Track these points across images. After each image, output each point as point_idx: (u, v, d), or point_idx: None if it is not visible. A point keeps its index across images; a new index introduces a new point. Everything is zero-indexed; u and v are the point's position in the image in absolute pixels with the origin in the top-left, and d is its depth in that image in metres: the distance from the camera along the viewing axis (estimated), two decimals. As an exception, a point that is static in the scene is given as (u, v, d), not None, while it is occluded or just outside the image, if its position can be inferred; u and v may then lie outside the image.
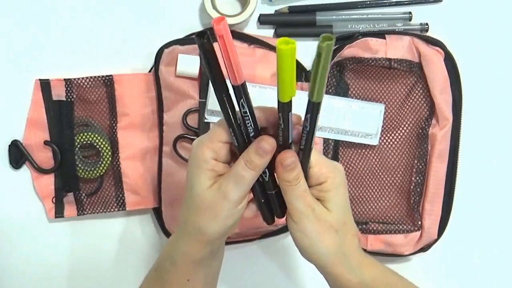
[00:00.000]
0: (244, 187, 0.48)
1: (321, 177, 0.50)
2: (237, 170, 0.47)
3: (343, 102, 0.69)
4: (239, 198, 0.48)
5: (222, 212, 0.48)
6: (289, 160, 0.48)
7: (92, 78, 0.70)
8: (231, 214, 0.48)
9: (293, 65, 0.42)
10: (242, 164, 0.47)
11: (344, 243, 0.50)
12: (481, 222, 0.75)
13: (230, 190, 0.47)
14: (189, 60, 0.67)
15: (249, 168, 0.47)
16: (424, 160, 0.70)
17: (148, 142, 0.71)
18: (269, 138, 0.47)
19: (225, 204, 0.47)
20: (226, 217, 0.48)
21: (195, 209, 0.49)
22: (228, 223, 0.49)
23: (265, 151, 0.47)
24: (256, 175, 0.48)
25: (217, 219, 0.48)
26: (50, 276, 0.73)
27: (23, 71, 0.71)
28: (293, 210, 0.49)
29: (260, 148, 0.47)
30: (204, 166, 0.48)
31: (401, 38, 0.68)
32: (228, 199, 0.47)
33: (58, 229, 0.73)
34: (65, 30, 0.71)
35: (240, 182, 0.47)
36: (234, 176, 0.47)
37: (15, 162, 0.70)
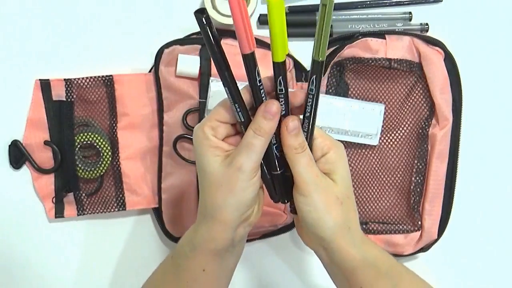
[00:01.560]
0: (256, 155, 0.48)
1: (325, 147, 0.51)
2: (247, 139, 0.48)
3: (343, 102, 0.69)
4: (252, 168, 0.48)
5: (238, 184, 0.48)
6: (292, 123, 0.49)
7: (92, 78, 0.70)
8: (246, 187, 0.48)
9: (283, 19, 0.43)
10: (251, 132, 0.48)
11: (348, 217, 0.51)
12: (481, 222, 0.75)
13: (242, 160, 0.47)
14: (189, 60, 0.67)
15: (258, 135, 0.47)
16: (424, 160, 0.70)
17: (148, 142, 0.71)
18: (274, 101, 0.48)
19: (239, 176, 0.47)
20: (242, 189, 0.48)
21: (210, 188, 0.49)
22: (246, 195, 0.48)
23: (271, 113, 0.47)
24: (266, 141, 0.48)
25: (233, 192, 0.48)
26: (50, 276, 0.73)
27: (23, 71, 0.71)
28: (301, 183, 0.49)
29: (267, 112, 0.47)
30: (207, 144, 0.49)
31: (401, 38, 0.68)
32: (242, 170, 0.47)
33: (58, 229, 0.73)
34: (65, 30, 0.71)
35: (252, 150, 0.48)
36: (245, 146, 0.48)
37: (15, 162, 0.70)
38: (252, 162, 0.48)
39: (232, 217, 0.49)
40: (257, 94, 0.48)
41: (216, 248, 0.51)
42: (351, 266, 0.51)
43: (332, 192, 0.50)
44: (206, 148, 0.48)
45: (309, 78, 0.48)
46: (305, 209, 0.50)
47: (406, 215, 0.72)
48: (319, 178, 0.50)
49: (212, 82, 0.66)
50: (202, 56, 0.67)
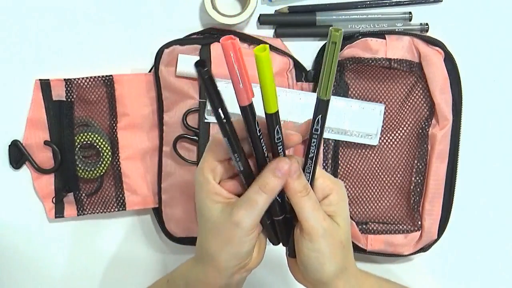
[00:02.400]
0: (257, 213, 0.46)
1: (327, 189, 0.49)
2: (249, 194, 0.46)
3: (343, 102, 0.69)
4: (251, 225, 0.46)
5: (235, 239, 0.46)
6: (294, 166, 0.46)
7: (92, 78, 0.70)
8: (244, 242, 0.47)
9: (271, 70, 0.42)
10: (256, 188, 0.46)
11: (347, 259, 0.50)
12: (481, 222, 0.75)
13: (241, 217, 0.45)
14: (189, 60, 0.67)
15: (262, 192, 0.45)
16: (424, 160, 0.70)
17: (148, 142, 0.71)
18: (286, 159, 0.46)
19: (237, 232, 0.46)
20: (239, 243, 0.46)
21: (208, 234, 0.48)
22: (242, 250, 0.47)
23: (282, 172, 0.45)
24: (269, 199, 0.46)
25: (229, 245, 0.46)
26: (50, 276, 0.73)
27: (23, 71, 0.71)
28: (309, 228, 0.47)
29: (278, 170, 0.45)
30: (207, 189, 0.47)
31: (401, 38, 0.68)
32: (241, 226, 0.45)
33: (58, 229, 0.73)
34: (65, 30, 0.71)
35: (253, 207, 0.45)
36: (246, 202, 0.46)
37: (15, 162, 0.70)
38: (252, 219, 0.46)
39: (227, 265, 0.48)
40: (257, 146, 0.46)
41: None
42: None
43: (337, 236, 0.48)
44: (206, 194, 0.47)
45: (313, 118, 0.46)
46: (311, 254, 0.48)
47: (406, 215, 0.72)
48: (326, 222, 0.48)
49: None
50: (202, 56, 0.67)
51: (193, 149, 0.68)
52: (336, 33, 0.40)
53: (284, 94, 0.68)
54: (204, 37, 0.69)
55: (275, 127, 0.45)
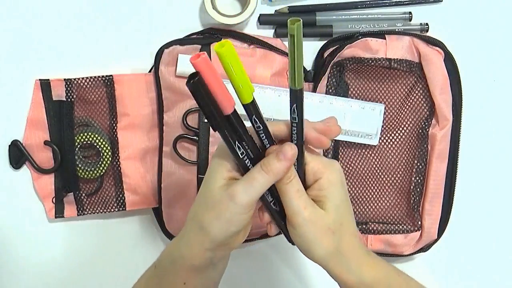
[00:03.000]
0: (254, 190, 0.45)
1: (318, 172, 0.49)
2: (252, 172, 0.46)
3: (343, 102, 0.69)
4: (246, 202, 0.45)
5: (227, 214, 0.46)
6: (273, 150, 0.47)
7: (92, 78, 0.70)
8: (236, 219, 0.46)
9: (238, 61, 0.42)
10: (257, 167, 0.46)
11: (341, 244, 0.50)
12: (481, 222, 0.75)
13: (237, 191, 0.45)
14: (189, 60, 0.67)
15: (263, 171, 0.45)
16: (424, 160, 0.70)
17: (148, 142, 0.71)
18: (292, 145, 0.46)
19: (230, 205, 0.45)
20: (230, 220, 0.46)
21: (203, 205, 0.48)
22: (231, 227, 0.47)
23: (285, 156, 0.46)
24: (269, 181, 0.46)
25: (220, 219, 0.46)
26: (50, 276, 0.73)
27: (23, 71, 0.71)
28: (290, 215, 0.48)
29: (281, 152, 0.46)
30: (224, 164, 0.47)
31: (401, 38, 0.68)
32: (234, 201, 0.45)
33: (58, 229, 0.73)
34: (65, 30, 0.71)
35: (251, 184, 0.45)
36: (246, 178, 0.46)
37: (15, 162, 0.70)
38: (247, 196, 0.45)
39: (215, 238, 0.47)
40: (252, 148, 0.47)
41: (193, 264, 0.50)
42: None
43: (322, 223, 0.48)
44: (220, 166, 0.47)
45: (290, 107, 0.46)
46: (297, 240, 0.49)
47: (406, 215, 0.72)
48: (307, 209, 0.48)
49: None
50: (202, 56, 0.67)
51: (193, 149, 0.68)
52: (292, 25, 0.40)
53: (284, 94, 0.68)
54: (204, 37, 0.69)
55: (251, 117, 0.45)
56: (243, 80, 0.43)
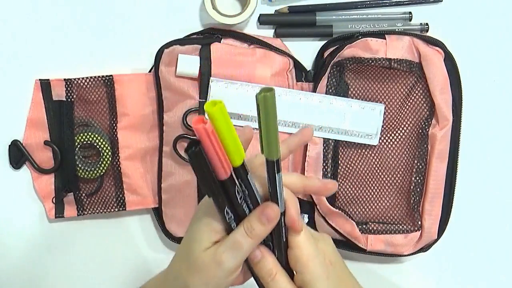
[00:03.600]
0: (240, 255, 0.45)
1: (299, 264, 0.47)
2: (235, 236, 0.45)
3: (343, 102, 0.69)
4: (234, 266, 0.45)
5: (214, 279, 0.45)
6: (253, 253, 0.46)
7: (92, 78, 0.70)
8: (221, 283, 0.46)
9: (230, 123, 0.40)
10: (241, 231, 0.45)
11: None
12: (481, 222, 0.75)
13: (225, 257, 0.45)
14: (189, 60, 0.67)
15: (248, 236, 0.45)
16: (424, 160, 0.70)
17: (148, 142, 0.71)
18: (274, 205, 0.45)
19: (218, 272, 0.45)
20: (216, 285, 0.46)
21: (188, 266, 0.46)
22: None
23: (269, 218, 0.44)
24: (254, 244, 0.45)
25: (206, 284, 0.46)
26: (50, 276, 0.73)
27: (23, 71, 0.71)
28: None
29: (264, 215, 0.44)
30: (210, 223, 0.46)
31: (401, 38, 0.68)
32: (223, 267, 0.45)
33: (58, 229, 0.73)
34: (65, 30, 0.71)
35: (237, 250, 0.45)
36: (231, 243, 0.45)
37: (15, 162, 0.70)
38: (235, 261, 0.45)
39: None
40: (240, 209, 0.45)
41: None
42: None
43: None
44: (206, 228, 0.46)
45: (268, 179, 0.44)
46: None
47: (406, 215, 0.72)
48: None
49: (212, 82, 0.67)
50: (202, 56, 0.67)
51: (193, 149, 0.68)
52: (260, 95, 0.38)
53: (284, 94, 0.68)
54: (204, 37, 0.69)
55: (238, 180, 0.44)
56: (233, 143, 0.41)
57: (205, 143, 0.40)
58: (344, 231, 0.70)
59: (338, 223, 0.70)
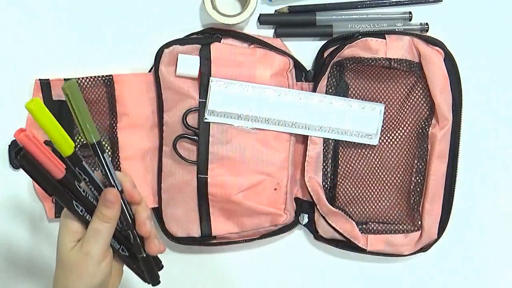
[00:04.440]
0: (103, 240, 0.51)
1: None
2: (93, 226, 0.51)
3: (343, 102, 0.69)
4: (100, 253, 0.50)
5: (87, 270, 0.50)
6: None
7: (92, 78, 0.70)
8: (95, 271, 0.50)
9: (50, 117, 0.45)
10: (96, 220, 0.51)
11: None
12: (481, 222, 0.75)
13: (91, 246, 0.50)
14: (189, 60, 0.67)
15: (103, 222, 0.51)
16: (424, 160, 0.70)
17: (148, 142, 0.71)
18: (111, 189, 0.51)
19: (88, 262, 0.50)
20: (91, 275, 0.50)
21: (63, 270, 0.51)
22: (95, 280, 0.51)
23: (111, 201, 0.51)
24: (111, 226, 0.51)
25: (82, 278, 0.50)
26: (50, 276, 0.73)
27: (23, 71, 0.71)
28: None
29: (107, 201, 0.51)
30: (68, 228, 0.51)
31: (401, 38, 0.68)
32: (91, 255, 0.50)
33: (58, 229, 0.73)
34: (65, 30, 0.71)
35: (98, 236, 0.50)
36: (92, 232, 0.50)
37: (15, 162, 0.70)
38: (100, 246, 0.50)
39: None
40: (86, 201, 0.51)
41: None
42: None
43: None
44: (66, 233, 0.51)
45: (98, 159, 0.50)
46: None
47: (406, 215, 0.72)
48: None
49: (212, 82, 0.67)
50: (202, 56, 0.67)
51: (193, 149, 0.68)
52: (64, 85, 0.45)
53: (284, 94, 0.68)
54: (204, 37, 0.69)
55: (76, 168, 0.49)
56: (59, 135, 0.46)
57: (30, 148, 0.45)
58: (344, 231, 0.70)
59: (338, 223, 0.70)
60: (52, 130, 0.46)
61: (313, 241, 0.74)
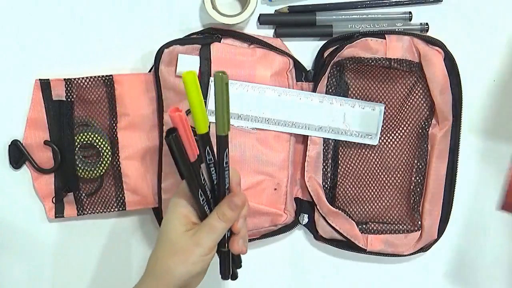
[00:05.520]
0: (215, 236, 0.54)
1: None
2: (210, 221, 0.54)
3: (343, 102, 0.69)
4: (210, 246, 0.53)
5: (193, 257, 0.53)
6: None
7: (92, 78, 0.70)
8: (200, 261, 0.53)
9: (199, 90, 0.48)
10: (215, 216, 0.54)
11: None
12: (481, 222, 0.75)
13: (203, 238, 0.53)
14: (189, 60, 0.67)
15: (221, 220, 0.54)
16: (424, 160, 0.70)
17: (148, 142, 0.71)
18: (240, 194, 0.55)
19: (197, 250, 0.53)
20: (195, 262, 0.53)
21: (168, 251, 0.54)
22: (196, 268, 0.53)
23: (236, 205, 0.54)
24: (227, 226, 0.54)
25: (187, 262, 0.53)
26: (50, 276, 0.73)
27: (23, 71, 0.71)
28: None
29: (232, 203, 0.54)
30: (181, 211, 0.54)
31: (401, 38, 0.68)
32: (200, 245, 0.53)
33: (58, 229, 0.73)
34: (65, 30, 0.71)
35: (213, 232, 0.54)
36: (207, 227, 0.54)
37: (15, 162, 0.70)
38: (211, 241, 0.53)
39: (176, 282, 0.53)
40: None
41: None
42: None
43: None
44: (177, 214, 0.54)
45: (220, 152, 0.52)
46: None
47: (406, 215, 0.72)
48: None
49: (212, 82, 0.67)
50: (202, 56, 0.67)
51: (193, 149, 0.68)
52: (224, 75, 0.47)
53: (284, 94, 0.68)
54: (204, 37, 0.69)
55: (206, 148, 0.52)
56: (201, 111, 0.49)
57: (180, 130, 0.48)
58: (344, 231, 0.70)
59: (338, 223, 0.70)
60: (197, 104, 0.48)
61: (313, 241, 0.74)
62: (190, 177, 0.51)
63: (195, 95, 0.47)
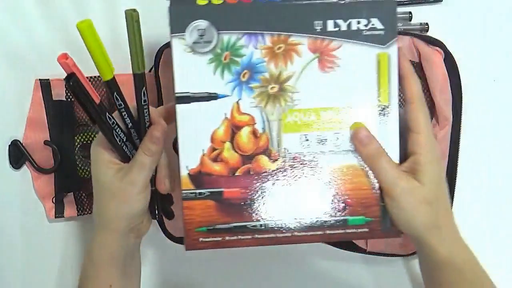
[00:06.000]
0: (146, 172, 0.54)
1: (418, 147, 0.53)
2: (137, 158, 0.54)
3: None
4: (143, 184, 0.54)
5: (131, 197, 0.54)
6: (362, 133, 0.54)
7: (92, 78, 0.70)
8: (137, 200, 0.54)
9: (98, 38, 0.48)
10: (141, 152, 0.54)
11: (438, 217, 0.54)
12: (481, 222, 0.75)
13: (135, 176, 0.54)
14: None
15: (147, 156, 0.54)
16: (424, 160, 0.70)
17: (148, 142, 0.71)
18: (158, 126, 0.55)
19: (132, 190, 0.54)
20: (134, 200, 0.54)
21: (104, 198, 0.55)
22: (135, 208, 0.55)
23: (157, 138, 0.55)
24: (155, 160, 0.55)
25: (126, 203, 0.54)
26: (50, 276, 0.73)
27: (23, 71, 0.71)
28: (387, 188, 0.54)
29: (153, 137, 0.54)
30: (104, 158, 0.55)
31: (401, 38, 0.68)
32: (134, 183, 0.54)
33: (58, 229, 0.73)
34: (65, 29, 0.71)
35: (143, 168, 0.54)
36: (136, 164, 0.54)
37: (15, 162, 0.70)
38: (144, 177, 0.54)
39: (123, 224, 0.55)
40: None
41: (112, 253, 0.56)
42: (437, 263, 0.54)
43: (419, 194, 0.53)
44: (102, 162, 0.55)
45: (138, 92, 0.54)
46: (394, 211, 0.54)
47: (406, 215, 0.71)
48: (403, 180, 0.53)
49: None
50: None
51: (193, 149, 0.68)
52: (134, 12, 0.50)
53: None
54: (204, 37, 0.69)
55: (114, 94, 0.53)
56: (103, 58, 0.49)
57: (78, 74, 0.48)
58: (344, 231, 0.70)
59: (338, 223, 0.70)
60: (97, 52, 0.49)
61: (313, 241, 0.74)
62: (100, 120, 0.52)
63: (93, 43, 0.48)
